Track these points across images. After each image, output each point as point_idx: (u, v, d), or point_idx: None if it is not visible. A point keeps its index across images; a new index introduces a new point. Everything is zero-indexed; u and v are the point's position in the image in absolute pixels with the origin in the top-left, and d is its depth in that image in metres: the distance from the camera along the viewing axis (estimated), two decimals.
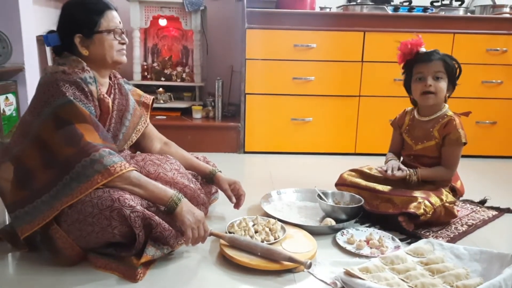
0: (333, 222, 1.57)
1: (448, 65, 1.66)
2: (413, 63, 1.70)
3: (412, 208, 1.53)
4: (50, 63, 2.41)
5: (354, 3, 2.78)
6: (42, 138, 1.26)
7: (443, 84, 1.67)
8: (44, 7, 2.53)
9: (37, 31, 2.23)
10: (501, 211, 1.83)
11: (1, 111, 1.97)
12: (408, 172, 1.67)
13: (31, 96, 1.35)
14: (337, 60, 2.63)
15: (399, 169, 1.69)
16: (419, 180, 1.67)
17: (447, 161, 1.69)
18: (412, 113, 1.81)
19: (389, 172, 1.66)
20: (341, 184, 1.81)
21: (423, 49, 1.70)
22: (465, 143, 1.67)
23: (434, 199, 1.58)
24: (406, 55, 1.72)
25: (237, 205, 1.65)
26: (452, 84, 1.70)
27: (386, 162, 1.81)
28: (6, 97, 2.01)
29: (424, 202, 1.54)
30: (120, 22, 1.40)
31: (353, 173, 1.83)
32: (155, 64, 2.99)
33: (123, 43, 1.40)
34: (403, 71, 1.78)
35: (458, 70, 1.70)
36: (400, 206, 1.58)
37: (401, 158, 1.86)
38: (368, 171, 1.82)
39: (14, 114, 2.06)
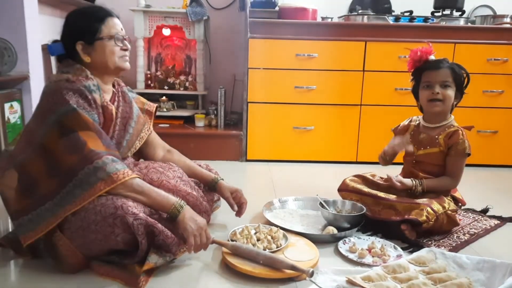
0: (335, 231, 1.57)
1: (456, 73, 1.68)
2: (422, 70, 1.72)
3: (414, 215, 1.53)
4: (54, 71, 2.43)
5: (356, 13, 2.80)
6: (46, 146, 1.27)
7: (451, 92, 1.68)
8: (49, 16, 2.56)
9: (42, 40, 2.25)
10: (503, 220, 1.82)
11: (6, 119, 1.99)
12: (413, 183, 1.68)
13: (35, 104, 1.36)
14: (339, 69, 2.65)
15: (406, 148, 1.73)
16: (424, 191, 1.68)
17: (453, 171, 1.70)
18: (417, 120, 1.82)
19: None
20: (344, 189, 1.82)
21: (432, 57, 1.71)
22: (469, 154, 1.68)
23: (437, 206, 1.58)
24: (415, 62, 1.74)
25: (238, 213, 1.65)
26: (460, 93, 1.71)
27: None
28: (11, 105, 2.03)
29: (426, 209, 1.55)
30: (122, 29, 1.42)
31: (356, 179, 1.83)
32: (158, 73, 3.02)
33: (125, 49, 1.42)
34: (412, 78, 1.79)
35: (466, 79, 1.71)
36: (402, 212, 1.58)
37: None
38: (371, 177, 1.82)
39: (18, 122, 2.07)
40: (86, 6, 1.48)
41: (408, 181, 1.68)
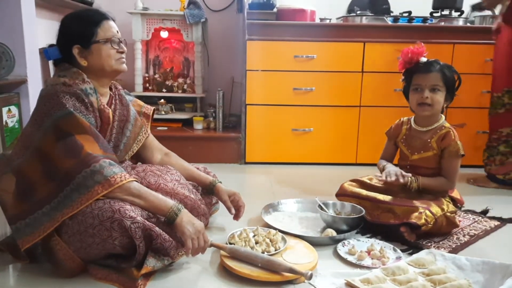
0: (334, 233, 1.57)
1: (447, 77, 1.66)
2: (413, 72, 1.71)
3: (413, 218, 1.53)
4: (52, 75, 2.43)
5: (354, 14, 2.80)
6: (43, 150, 1.27)
7: (440, 96, 1.67)
8: (47, 20, 2.56)
9: (40, 44, 2.25)
10: (503, 221, 1.82)
11: (4, 123, 1.98)
12: (409, 178, 1.66)
13: (33, 108, 1.36)
14: (338, 70, 2.65)
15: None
16: (419, 188, 1.67)
17: (448, 173, 1.69)
18: (408, 123, 1.81)
19: (393, 177, 1.62)
20: (342, 194, 1.81)
21: (423, 59, 1.69)
22: (463, 155, 1.68)
23: (435, 209, 1.58)
24: (406, 63, 1.73)
25: (236, 217, 1.65)
26: (450, 95, 1.70)
27: (382, 169, 1.78)
28: (9, 109, 2.02)
29: (425, 212, 1.54)
30: (117, 32, 1.42)
31: (354, 183, 1.83)
32: (156, 76, 3.02)
33: (121, 52, 1.41)
34: (402, 78, 1.78)
35: (457, 82, 1.70)
36: (401, 216, 1.57)
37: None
38: (368, 181, 1.81)
39: (16, 126, 2.07)
40: (81, 10, 1.48)
41: (403, 178, 1.63)
